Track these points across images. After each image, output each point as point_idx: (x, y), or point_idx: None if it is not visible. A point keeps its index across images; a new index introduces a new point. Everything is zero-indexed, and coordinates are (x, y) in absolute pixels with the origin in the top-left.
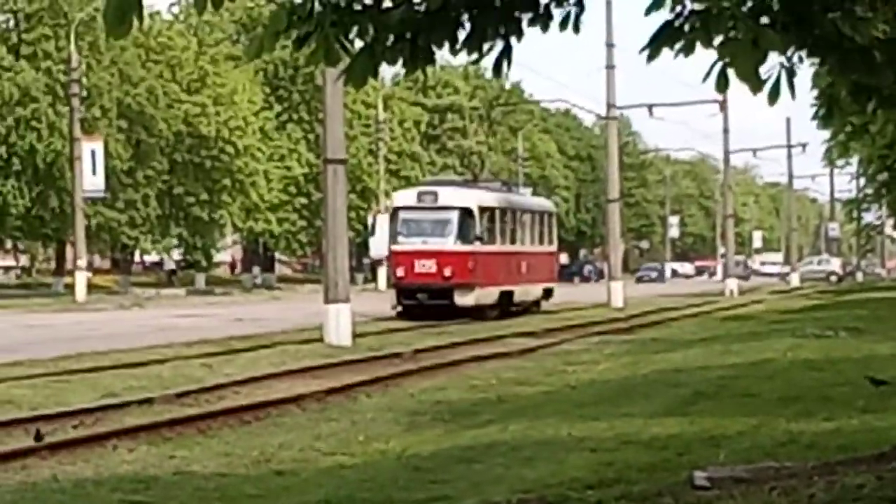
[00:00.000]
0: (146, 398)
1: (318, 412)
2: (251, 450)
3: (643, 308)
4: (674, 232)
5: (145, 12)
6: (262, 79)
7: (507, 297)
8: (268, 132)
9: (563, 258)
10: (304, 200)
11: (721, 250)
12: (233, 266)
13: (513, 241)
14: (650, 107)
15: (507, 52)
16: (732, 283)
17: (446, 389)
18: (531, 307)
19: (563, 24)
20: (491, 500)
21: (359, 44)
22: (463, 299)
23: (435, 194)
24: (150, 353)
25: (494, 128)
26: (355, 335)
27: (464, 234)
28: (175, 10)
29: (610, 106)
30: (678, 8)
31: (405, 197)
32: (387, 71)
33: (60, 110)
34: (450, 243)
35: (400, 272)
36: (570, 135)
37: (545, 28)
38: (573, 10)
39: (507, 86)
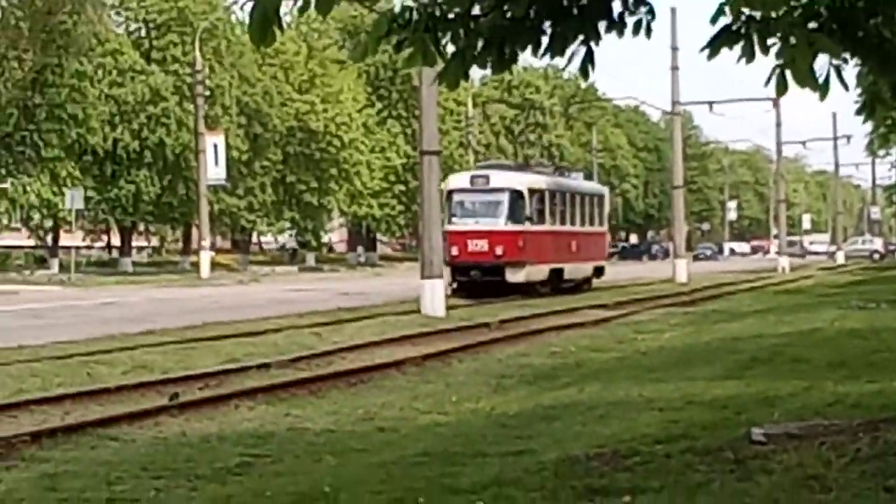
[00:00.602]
0: (264, 363)
1: (415, 375)
2: (356, 409)
3: (705, 283)
4: (731, 215)
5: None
6: (365, 80)
7: (557, 274)
8: (370, 127)
9: (633, 239)
10: (402, 187)
11: (774, 231)
12: (330, 248)
13: (563, 222)
14: (710, 104)
15: (590, 56)
16: (784, 261)
17: (529, 355)
18: (582, 285)
19: (636, 30)
20: (570, 453)
21: (451, 48)
22: (514, 276)
23: (487, 177)
24: (267, 324)
25: (571, 123)
26: (447, 307)
27: (514, 215)
28: (287, 18)
29: (674, 103)
30: (738, 15)
31: (459, 180)
32: (475, 72)
33: (187, 108)
34: (501, 223)
35: (454, 251)
36: (638, 129)
37: (620, 34)
38: (644, 18)
39: (583, 85)
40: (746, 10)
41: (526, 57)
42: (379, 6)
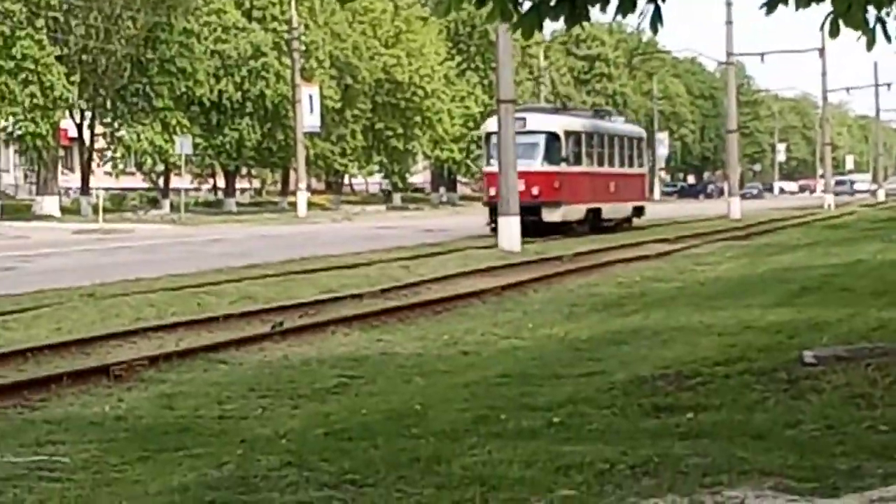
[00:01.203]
0: (357, 293)
1: (495, 304)
2: (442, 335)
3: (757, 219)
4: (781, 157)
5: None
6: (446, 35)
7: (595, 214)
8: (450, 78)
9: (691, 179)
10: (478, 133)
11: (820, 172)
12: (415, 188)
13: (600, 163)
14: (762, 55)
15: (658, 13)
16: (829, 198)
17: (598, 285)
18: (622, 223)
19: None
20: (638, 374)
21: (527, 5)
22: (550, 216)
23: (524, 120)
24: (359, 258)
25: (634, 73)
26: (523, 242)
27: (550, 156)
28: None
29: (729, 54)
30: None
31: (496, 123)
32: (546, 26)
33: (284, 62)
34: (537, 164)
35: (492, 191)
36: (695, 78)
37: None
38: None
39: (645, 39)
40: None
41: (592, 13)
42: None
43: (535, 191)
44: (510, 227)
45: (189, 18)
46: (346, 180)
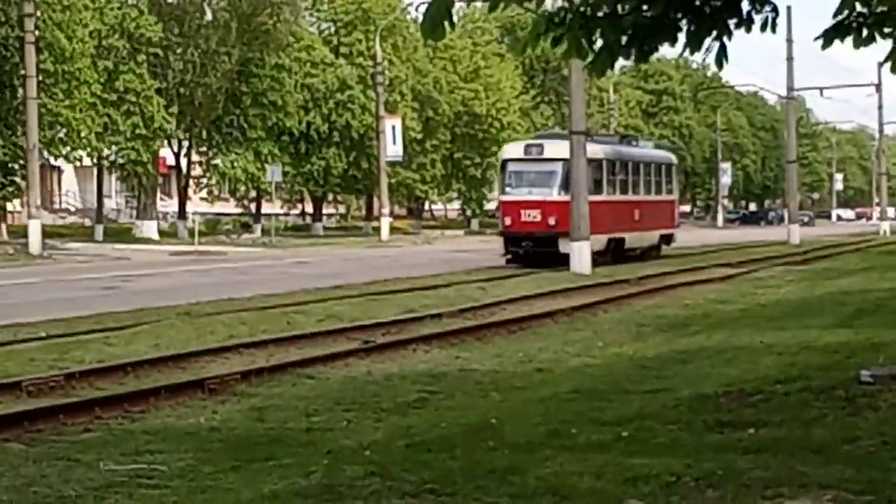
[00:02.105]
0: (436, 313)
1: (567, 324)
2: (517, 352)
3: (815, 245)
4: (838, 186)
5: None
6: (521, 70)
7: (618, 243)
8: (525, 111)
9: (752, 206)
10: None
11: (876, 200)
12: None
13: (624, 191)
14: (821, 89)
15: (723, 50)
16: (885, 225)
17: (664, 307)
18: (650, 252)
19: (763, 27)
20: (702, 391)
21: (600, 43)
22: (567, 247)
23: (541, 147)
24: (438, 280)
25: (699, 106)
26: (593, 265)
27: (568, 185)
28: (455, 17)
29: (789, 89)
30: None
31: (513, 150)
32: (616, 62)
33: (369, 95)
34: (554, 193)
35: (507, 221)
36: (757, 111)
37: (748, 30)
38: (769, 15)
39: (709, 73)
40: (858, 6)
41: (660, 49)
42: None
43: (551, 221)
44: (581, 252)
45: (280, 54)
46: (426, 206)
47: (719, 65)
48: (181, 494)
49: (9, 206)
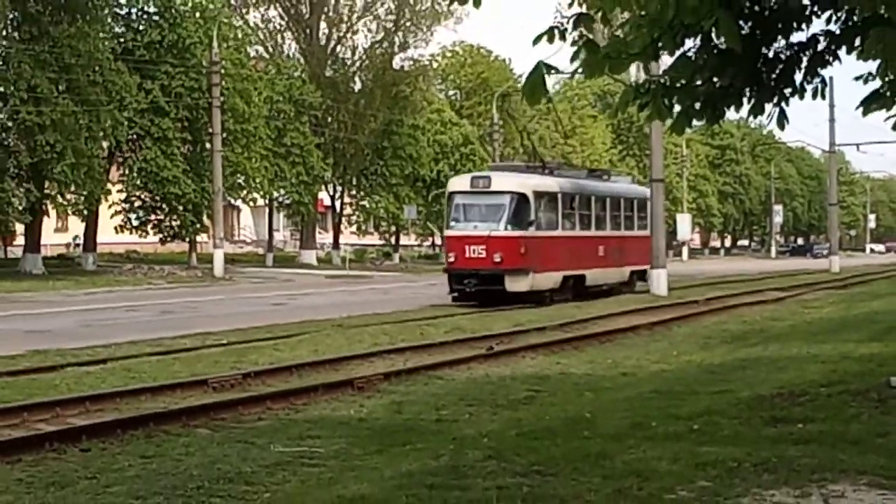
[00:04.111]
0: (541, 327)
1: (647, 336)
2: (606, 359)
3: (852, 273)
4: (871, 224)
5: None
6: (611, 129)
7: (577, 280)
8: (614, 162)
9: (800, 241)
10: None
11: None
12: None
13: (586, 226)
14: (857, 145)
15: (783, 114)
16: None
17: (727, 323)
18: (619, 289)
19: (814, 95)
20: (759, 392)
21: (678, 108)
22: (515, 285)
23: (488, 179)
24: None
25: (756, 159)
26: (669, 288)
27: (517, 219)
28: (556, 87)
29: (831, 145)
30: (885, 79)
31: (460, 182)
32: None
33: (487, 149)
34: (501, 228)
35: (451, 257)
36: (804, 163)
37: (801, 97)
38: (819, 85)
39: (765, 132)
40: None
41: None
42: (624, 78)
43: (496, 257)
44: (660, 277)
45: (416, 116)
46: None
47: (780, 126)
48: (335, 472)
49: (198, 238)
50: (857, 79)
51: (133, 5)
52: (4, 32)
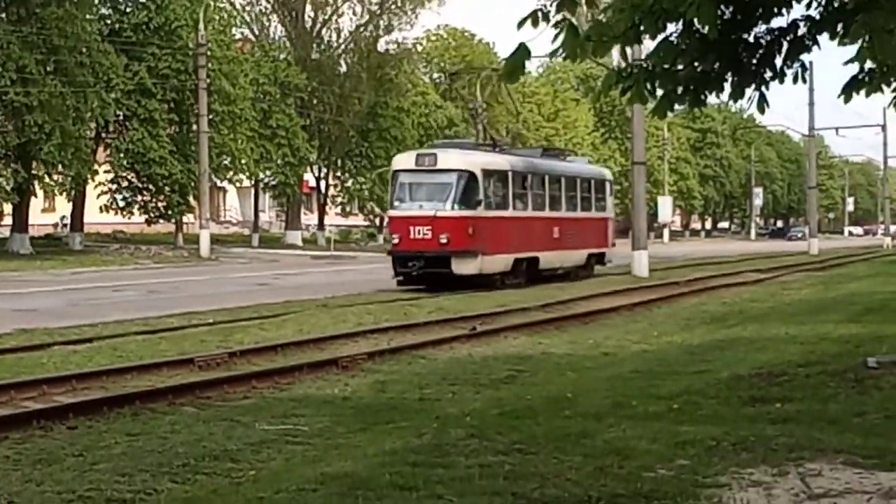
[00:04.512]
0: (523, 307)
1: (628, 317)
2: (587, 339)
3: (830, 255)
4: (850, 208)
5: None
6: (593, 112)
7: (529, 263)
8: (596, 145)
9: (780, 224)
10: (618, 187)
11: (881, 219)
12: None
13: (539, 207)
14: (836, 129)
15: (763, 98)
16: (888, 240)
17: (707, 304)
18: (576, 272)
19: (795, 79)
20: (737, 373)
21: (660, 92)
22: (462, 267)
23: (434, 156)
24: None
25: (737, 142)
26: (650, 270)
27: (464, 199)
28: (540, 70)
29: (810, 129)
30: (864, 65)
31: (404, 160)
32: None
33: (470, 131)
34: (447, 208)
35: (395, 239)
36: (784, 146)
37: (782, 81)
38: (798, 70)
39: (745, 115)
40: (868, 63)
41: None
42: (607, 62)
43: (443, 238)
44: (641, 259)
45: (401, 99)
46: None
47: (761, 110)
48: (320, 450)
49: (185, 219)
50: (846, 63)
51: None
52: None
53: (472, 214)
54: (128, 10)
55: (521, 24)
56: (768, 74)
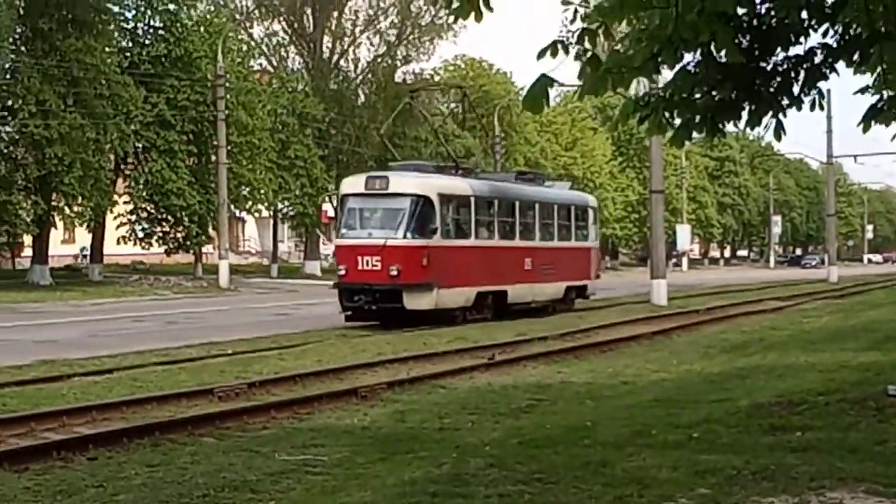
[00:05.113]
0: (543, 336)
1: (648, 346)
2: (607, 368)
3: (850, 283)
4: (869, 235)
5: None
6: (611, 141)
7: (496, 297)
8: (614, 174)
9: (798, 251)
10: (636, 215)
11: None
12: None
13: (507, 236)
14: (855, 157)
15: (780, 125)
16: None
17: (727, 332)
18: (554, 306)
19: (812, 107)
20: (757, 401)
21: (678, 121)
22: (415, 302)
23: (385, 180)
24: (542, 310)
25: (755, 170)
26: (668, 298)
27: (419, 226)
28: (557, 99)
29: (829, 156)
30: (884, 93)
31: (353, 183)
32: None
33: (489, 160)
34: (399, 236)
35: (341, 270)
36: (802, 174)
37: (799, 109)
38: (816, 97)
39: (763, 143)
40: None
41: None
42: (623, 90)
43: (393, 270)
44: (659, 288)
45: (418, 129)
46: None
47: (777, 138)
48: (339, 480)
49: (204, 250)
50: (860, 92)
51: (139, 20)
52: (14, 48)
53: (427, 243)
54: (147, 41)
55: (540, 55)
56: (786, 102)
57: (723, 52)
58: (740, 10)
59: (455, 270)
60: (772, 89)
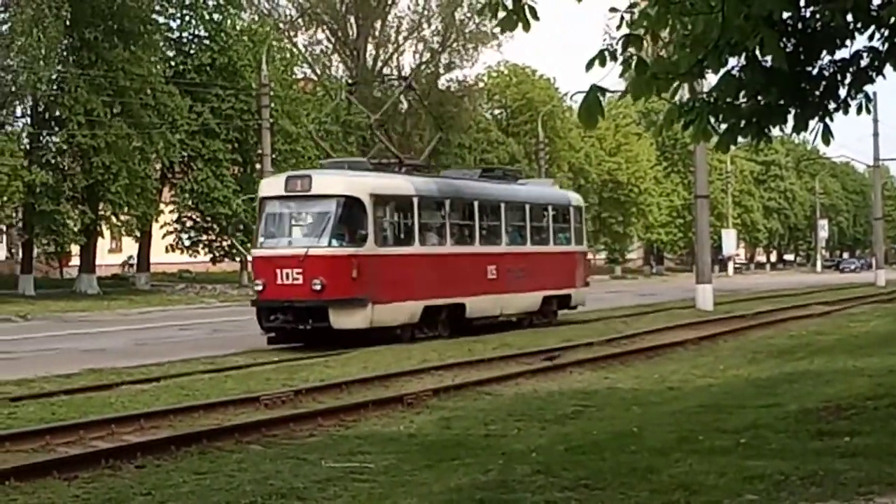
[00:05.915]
0: (588, 342)
1: (694, 351)
2: (653, 374)
3: None
4: None
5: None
6: (655, 146)
7: (451, 311)
8: (659, 179)
9: (846, 255)
10: (681, 220)
11: None
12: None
13: (465, 241)
14: None
15: (828, 130)
16: None
17: (774, 337)
18: (535, 319)
19: (859, 110)
20: (806, 406)
21: (723, 126)
22: (344, 320)
23: (308, 179)
24: (589, 315)
25: (800, 174)
26: (714, 303)
27: (346, 233)
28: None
29: (875, 159)
30: None
31: (272, 184)
32: None
33: (533, 167)
34: (323, 244)
35: (258, 285)
36: (849, 178)
37: (846, 113)
38: (863, 101)
39: (808, 147)
40: None
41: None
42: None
43: (316, 284)
44: (704, 293)
45: (462, 136)
46: None
47: (825, 142)
48: (385, 487)
49: (248, 256)
50: None
51: (184, 29)
52: (61, 59)
53: (357, 252)
54: (191, 51)
55: (589, 65)
56: (832, 106)
57: (768, 57)
58: (785, 14)
59: (394, 282)
60: (818, 93)
